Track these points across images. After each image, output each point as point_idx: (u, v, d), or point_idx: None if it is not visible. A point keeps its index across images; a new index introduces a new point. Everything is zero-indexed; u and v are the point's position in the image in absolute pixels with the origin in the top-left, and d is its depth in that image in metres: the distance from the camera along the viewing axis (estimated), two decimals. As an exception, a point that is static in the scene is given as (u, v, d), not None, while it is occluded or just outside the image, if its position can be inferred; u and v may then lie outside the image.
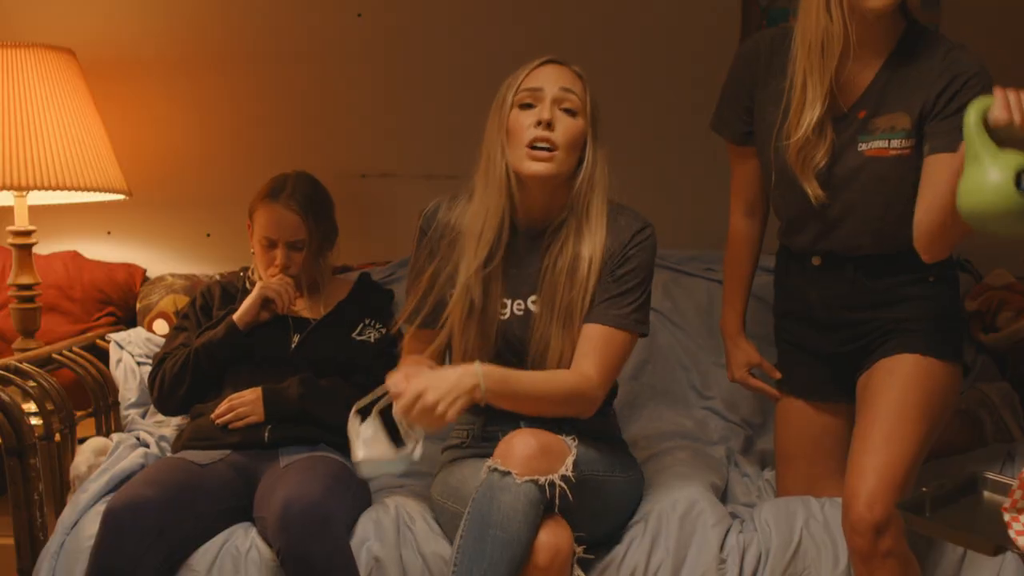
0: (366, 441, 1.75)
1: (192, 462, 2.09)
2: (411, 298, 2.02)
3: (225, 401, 2.20)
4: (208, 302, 2.41)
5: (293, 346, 2.30)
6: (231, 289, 2.42)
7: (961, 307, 1.97)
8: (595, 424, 1.95)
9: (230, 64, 2.91)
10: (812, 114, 1.88)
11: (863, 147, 1.89)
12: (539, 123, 1.87)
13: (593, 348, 1.91)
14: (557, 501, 1.76)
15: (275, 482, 2.00)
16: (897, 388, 1.86)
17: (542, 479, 1.74)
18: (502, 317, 1.97)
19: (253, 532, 2.01)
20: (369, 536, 1.98)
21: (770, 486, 2.26)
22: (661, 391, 2.55)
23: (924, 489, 1.61)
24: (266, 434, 2.17)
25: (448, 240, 1.98)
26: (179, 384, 2.26)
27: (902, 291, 1.92)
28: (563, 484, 1.76)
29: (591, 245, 1.92)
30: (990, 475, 1.68)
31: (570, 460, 1.78)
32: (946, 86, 1.83)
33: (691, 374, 2.58)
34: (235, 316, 2.27)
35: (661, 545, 1.94)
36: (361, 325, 2.36)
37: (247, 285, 2.41)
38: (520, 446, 1.76)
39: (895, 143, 1.87)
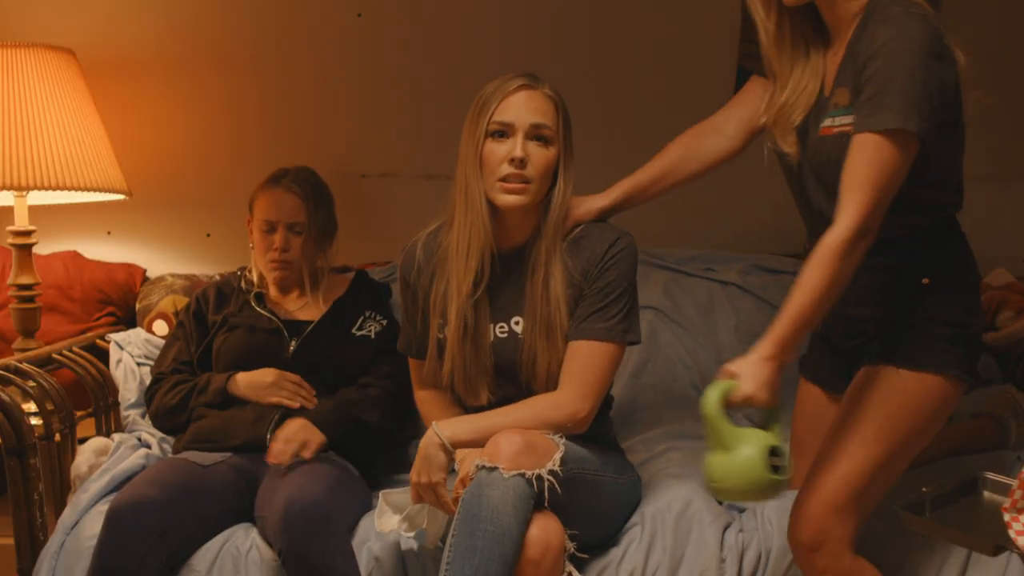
0: (379, 515, 1.93)
1: (194, 463, 2.09)
2: (404, 332, 2.11)
3: (278, 442, 2.09)
4: (202, 307, 2.39)
5: (291, 350, 2.29)
6: (226, 289, 2.41)
7: (971, 319, 1.83)
8: (589, 430, 1.95)
9: (230, 64, 2.92)
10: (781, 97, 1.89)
11: (821, 124, 1.84)
12: (512, 160, 1.89)
13: (576, 368, 1.92)
14: (546, 495, 1.76)
15: (277, 483, 2.00)
16: (861, 403, 1.80)
17: (529, 473, 1.75)
18: (488, 342, 2.00)
19: (254, 532, 2.01)
20: (370, 537, 1.98)
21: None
22: (661, 391, 2.55)
23: (924, 489, 1.61)
24: (268, 437, 2.17)
25: (428, 273, 2.02)
26: (176, 415, 2.27)
27: (894, 295, 1.87)
28: (551, 478, 1.76)
29: (562, 261, 1.94)
30: (990, 475, 1.68)
31: (557, 456, 1.79)
32: (867, 59, 1.73)
33: (692, 373, 2.58)
34: (237, 386, 2.23)
35: (658, 546, 1.94)
36: (361, 319, 2.34)
37: (243, 284, 2.40)
38: (506, 443, 1.77)
39: (837, 120, 1.80)
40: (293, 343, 2.29)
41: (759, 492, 1.66)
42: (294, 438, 2.06)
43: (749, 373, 1.65)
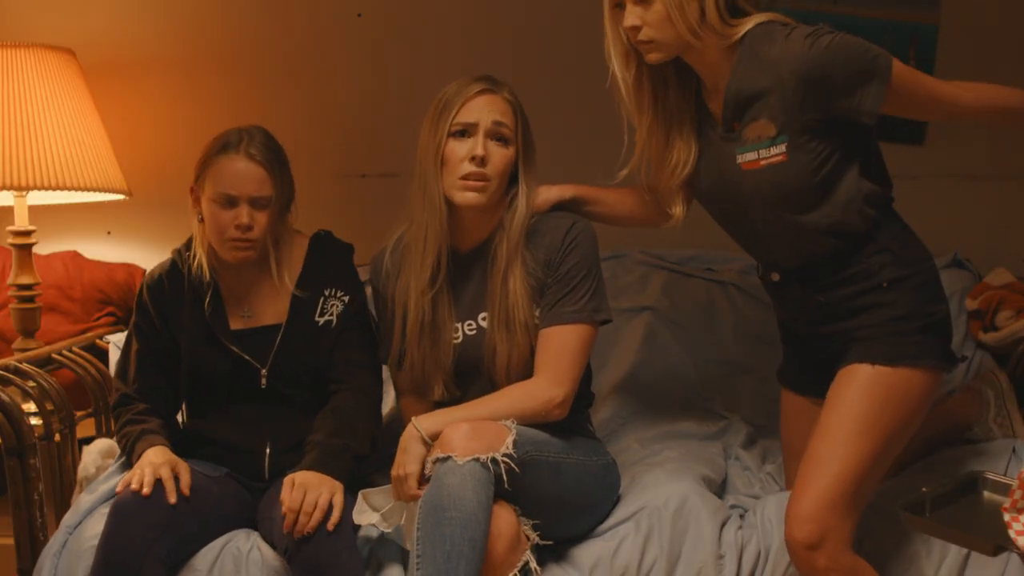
0: (358, 511, 1.93)
1: (199, 471, 2.04)
2: (383, 344, 2.12)
3: (288, 515, 1.86)
4: (162, 303, 2.12)
5: (263, 381, 2.10)
6: (174, 285, 2.13)
7: (936, 306, 1.89)
8: (557, 421, 1.97)
9: (230, 64, 2.92)
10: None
11: (739, 159, 1.88)
12: (473, 158, 1.93)
13: (549, 354, 1.95)
14: (505, 477, 1.77)
15: (279, 487, 1.99)
16: (844, 402, 1.82)
17: (483, 457, 1.76)
18: (455, 341, 2.03)
19: (255, 535, 2.01)
20: (371, 536, 1.98)
21: (772, 479, 2.26)
22: (660, 390, 2.55)
23: (924, 489, 1.61)
24: (267, 467, 2.11)
25: (395, 276, 2.06)
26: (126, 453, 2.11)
27: (857, 301, 1.89)
28: (507, 460, 1.77)
29: (520, 254, 1.98)
30: (990, 475, 1.68)
31: (509, 439, 1.80)
32: (798, 83, 1.78)
33: (690, 373, 2.58)
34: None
35: (654, 543, 1.94)
36: (321, 300, 2.12)
37: (191, 272, 2.11)
38: (456, 433, 1.80)
39: (763, 153, 1.85)
40: (263, 372, 2.09)
41: None
42: (316, 500, 1.86)
43: None
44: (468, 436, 1.79)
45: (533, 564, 1.82)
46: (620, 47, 1.91)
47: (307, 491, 1.86)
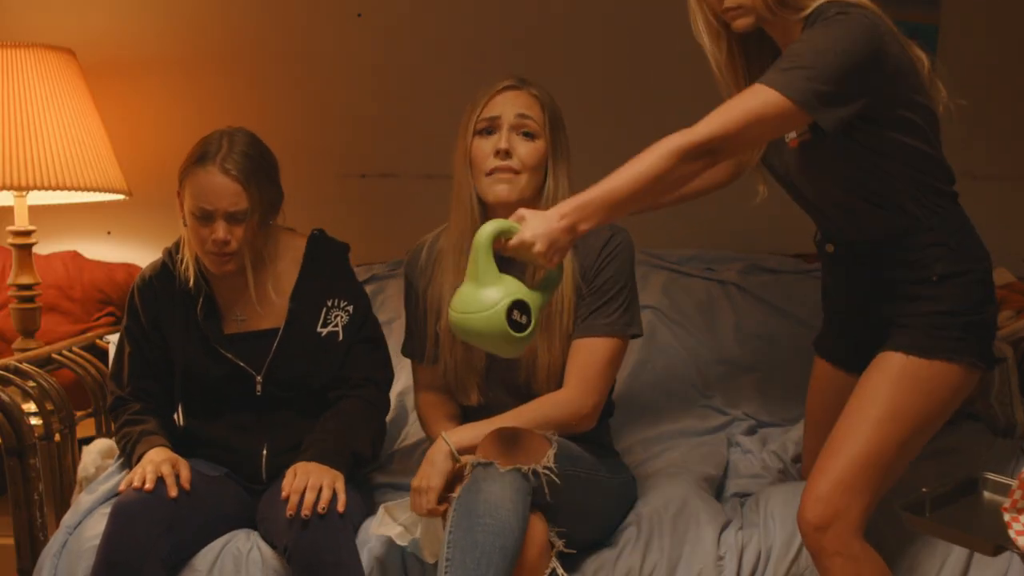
0: (378, 523, 1.92)
1: (199, 471, 2.04)
2: (408, 335, 2.13)
3: (292, 496, 1.88)
4: (153, 306, 2.11)
5: (258, 389, 2.08)
6: (167, 279, 2.12)
7: (984, 307, 1.87)
8: (584, 433, 1.97)
9: (230, 64, 2.92)
10: None
11: (787, 137, 1.89)
12: (497, 152, 1.93)
13: (579, 365, 1.95)
14: (546, 489, 1.76)
15: (279, 487, 1.99)
16: (874, 388, 1.82)
17: (525, 468, 1.76)
18: None
19: (255, 535, 2.01)
20: (371, 538, 1.98)
21: (776, 457, 2.26)
22: (661, 390, 2.55)
23: (924, 489, 1.61)
24: (264, 469, 2.10)
25: (428, 275, 2.06)
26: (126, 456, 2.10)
27: (904, 289, 1.89)
28: (548, 472, 1.77)
29: (569, 259, 1.95)
30: (990, 475, 1.68)
31: (551, 452, 1.80)
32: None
33: (691, 373, 2.58)
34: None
35: (655, 546, 1.94)
36: (324, 311, 2.09)
37: (183, 274, 2.09)
38: (499, 440, 1.79)
39: (798, 130, 1.84)
40: (259, 379, 2.08)
41: (490, 338, 1.66)
42: (318, 483, 1.87)
43: (536, 223, 1.65)
44: (512, 445, 1.78)
45: (560, 571, 1.82)
46: (708, 25, 1.89)
47: (309, 476, 1.88)
